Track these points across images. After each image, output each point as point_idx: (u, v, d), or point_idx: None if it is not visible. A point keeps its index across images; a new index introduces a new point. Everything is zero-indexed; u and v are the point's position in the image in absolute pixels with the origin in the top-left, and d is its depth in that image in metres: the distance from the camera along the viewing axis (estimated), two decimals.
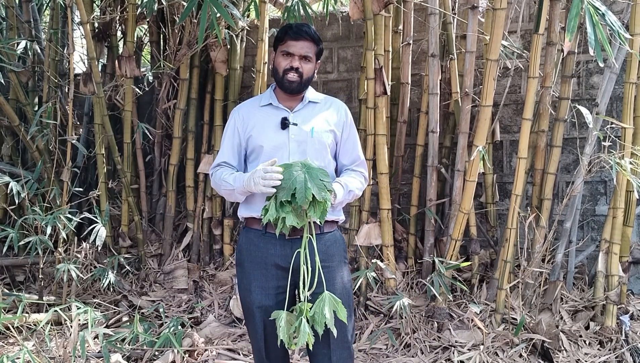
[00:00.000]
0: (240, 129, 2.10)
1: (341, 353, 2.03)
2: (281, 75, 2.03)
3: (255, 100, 2.17)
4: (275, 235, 1.95)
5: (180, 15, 3.74)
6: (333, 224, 2.10)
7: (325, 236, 2.05)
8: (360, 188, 2.12)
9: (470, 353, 2.92)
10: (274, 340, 2.00)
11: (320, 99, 2.14)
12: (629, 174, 2.85)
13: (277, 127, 2.03)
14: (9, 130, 4.07)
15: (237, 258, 2.11)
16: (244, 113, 2.12)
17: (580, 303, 3.28)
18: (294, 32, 2.02)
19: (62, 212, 3.28)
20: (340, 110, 2.15)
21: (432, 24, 3.35)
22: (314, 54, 2.06)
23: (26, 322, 2.99)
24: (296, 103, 2.09)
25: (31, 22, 4.13)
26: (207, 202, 4.07)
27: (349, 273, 2.12)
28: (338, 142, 2.13)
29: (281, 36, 2.05)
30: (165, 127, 4.16)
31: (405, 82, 3.55)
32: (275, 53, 2.08)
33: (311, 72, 2.06)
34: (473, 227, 3.48)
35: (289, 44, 2.02)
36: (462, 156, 3.25)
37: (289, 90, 2.04)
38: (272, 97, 2.10)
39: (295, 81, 2.02)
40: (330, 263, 2.02)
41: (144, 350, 3.03)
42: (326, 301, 1.80)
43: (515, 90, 3.86)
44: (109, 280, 3.43)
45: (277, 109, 2.08)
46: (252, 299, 2.02)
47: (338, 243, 2.09)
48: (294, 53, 2.01)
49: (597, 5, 2.44)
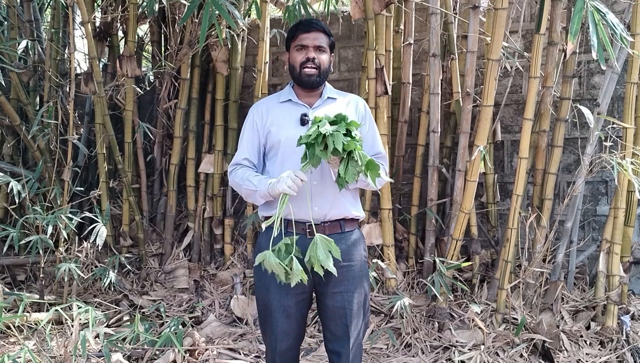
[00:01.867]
0: (259, 124, 2.10)
1: (356, 350, 2.06)
2: (298, 70, 2.04)
3: (274, 96, 2.18)
4: (296, 234, 1.96)
5: (181, 14, 3.75)
6: (354, 223, 2.10)
7: (347, 235, 2.05)
8: (381, 181, 2.09)
9: (471, 353, 2.92)
10: (290, 341, 2.00)
11: (339, 94, 2.15)
12: (630, 175, 2.85)
13: (296, 123, 2.04)
14: (10, 129, 4.07)
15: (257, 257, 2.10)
16: (263, 109, 2.12)
17: (581, 303, 3.28)
18: (305, 25, 2.06)
19: (63, 211, 3.28)
20: (359, 104, 2.16)
21: (433, 23, 3.35)
22: (327, 45, 2.08)
23: (27, 321, 2.99)
24: (315, 99, 2.10)
25: (32, 22, 4.12)
26: (208, 202, 4.07)
27: (367, 272, 2.11)
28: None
29: (292, 33, 2.08)
30: (166, 127, 4.16)
31: (407, 82, 3.55)
32: (289, 52, 2.10)
33: (327, 63, 2.07)
34: (474, 227, 3.48)
35: (301, 37, 2.05)
36: (463, 156, 3.24)
37: (308, 84, 2.05)
38: (292, 93, 2.11)
39: (313, 74, 2.03)
40: (350, 262, 2.01)
41: (144, 350, 3.03)
42: (318, 243, 1.77)
43: (516, 90, 3.86)
44: (109, 280, 3.43)
45: (297, 105, 2.08)
46: (271, 298, 2.01)
47: (358, 242, 2.09)
48: (308, 45, 2.03)
49: (600, 6, 2.43)
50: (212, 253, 4.12)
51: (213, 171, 4.00)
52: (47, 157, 3.87)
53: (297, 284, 1.97)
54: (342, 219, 2.04)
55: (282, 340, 2.02)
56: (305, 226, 1.99)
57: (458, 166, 3.28)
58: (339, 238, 1.95)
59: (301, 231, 1.99)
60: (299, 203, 1.91)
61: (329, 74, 2.12)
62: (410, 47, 3.51)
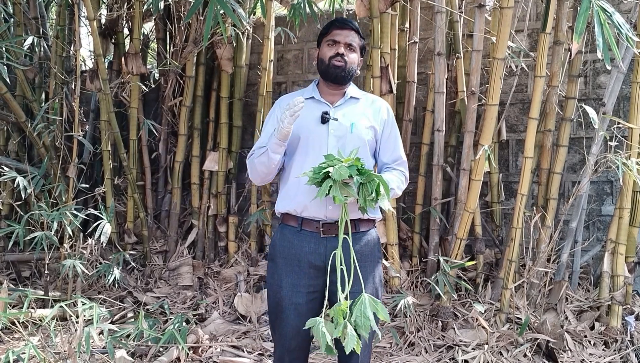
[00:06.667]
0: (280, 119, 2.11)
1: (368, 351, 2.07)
2: (327, 62, 2.05)
3: (298, 93, 2.18)
4: (310, 233, 1.97)
5: (186, 12, 3.75)
6: (369, 224, 2.08)
7: (361, 235, 2.04)
8: (401, 187, 2.10)
9: (475, 352, 2.92)
10: (299, 339, 2.00)
11: (362, 95, 2.15)
12: (635, 175, 2.84)
13: (317, 120, 2.04)
14: (16, 126, 4.08)
15: (270, 254, 2.11)
16: (285, 105, 2.12)
17: (585, 303, 3.27)
18: (339, 22, 2.08)
19: (68, 208, 3.30)
20: (382, 107, 2.15)
21: (438, 22, 3.34)
22: (358, 45, 2.09)
23: (32, 317, 3.00)
24: (338, 98, 2.10)
25: (38, 19, 4.14)
26: (212, 199, 4.07)
27: (381, 274, 2.10)
28: (378, 139, 2.11)
29: (326, 29, 2.09)
30: (171, 125, 4.17)
31: (411, 80, 3.55)
32: (320, 47, 2.11)
33: (355, 62, 2.08)
34: (478, 226, 3.47)
35: (334, 33, 2.06)
36: (467, 155, 3.24)
37: (334, 76, 2.05)
38: (315, 91, 2.11)
39: (340, 66, 2.03)
40: (363, 263, 1.99)
41: (148, 346, 3.04)
42: (366, 303, 1.73)
43: (521, 89, 3.85)
44: (114, 276, 3.45)
45: (319, 103, 2.09)
46: (283, 296, 2.01)
47: (373, 243, 2.08)
48: (340, 41, 2.05)
49: (606, 6, 2.42)
50: (216, 250, 4.13)
51: (217, 168, 4.00)
52: (52, 154, 3.88)
53: (308, 282, 1.98)
54: (358, 219, 2.02)
55: (293, 337, 2.01)
56: (319, 224, 1.99)
57: (463, 165, 3.27)
58: (353, 238, 1.93)
59: (315, 230, 1.99)
60: (313, 201, 1.91)
61: (355, 75, 2.12)
62: (416, 46, 3.50)
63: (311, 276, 1.99)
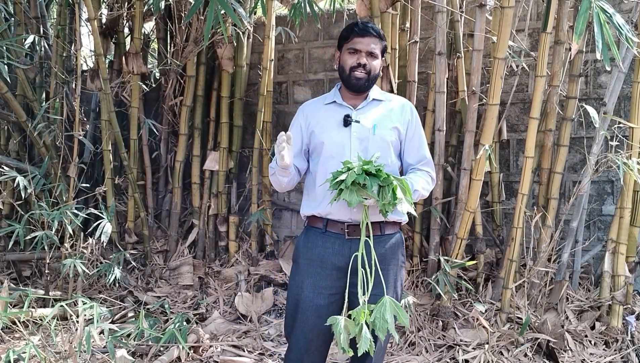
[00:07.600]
0: (303, 125, 2.11)
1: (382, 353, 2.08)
2: (348, 72, 2.03)
3: (320, 98, 2.18)
4: (335, 234, 1.97)
5: (187, 11, 3.75)
6: (395, 226, 2.07)
7: (387, 238, 2.03)
8: (427, 188, 2.08)
9: (475, 352, 2.92)
10: (319, 342, 2.00)
11: (385, 97, 2.14)
12: (636, 175, 2.84)
13: (339, 124, 2.03)
14: (16, 126, 4.08)
15: (294, 254, 2.11)
16: (308, 111, 2.13)
17: (586, 303, 3.27)
18: (360, 29, 2.04)
19: (69, 208, 3.29)
20: (405, 108, 2.13)
21: (439, 22, 3.34)
22: (379, 50, 2.07)
23: (32, 317, 3.00)
24: (360, 101, 2.09)
25: (39, 18, 4.14)
26: (212, 199, 4.08)
27: (402, 277, 2.09)
28: (402, 140, 2.10)
29: (347, 34, 2.06)
30: (172, 124, 4.17)
31: (412, 80, 3.54)
32: (341, 52, 2.09)
33: (377, 68, 2.07)
34: (479, 226, 3.47)
35: (355, 41, 2.03)
36: (468, 155, 3.24)
37: (356, 88, 2.04)
38: (337, 95, 2.10)
39: (362, 78, 2.02)
40: (386, 266, 1.98)
41: (149, 346, 3.04)
42: (387, 306, 1.73)
43: (522, 89, 3.84)
44: (114, 276, 3.45)
45: (341, 106, 2.08)
46: (304, 297, 2.00)
47: (397, 246, 2.07)
48: (361, 50, 2.02)
49: (606, 7, 2.42)
50: (216, 250, 4.13)
51: (218, 168, 4.00)
52: (53, 153, 3.88)
53: (330, 284, 1.98)
54: (383, 221, 2.01)
55: (312, 339, 2.00)
56: (344, 225, 1.99)
57: (463, 164, 3.27)
58: (378, 240, 1.93)
59: (339, 231, 1.99)
60: (338, 203, 1.90)
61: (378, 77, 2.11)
62: (416, 45, 3.49)
63: (333, 277, 1.99)
